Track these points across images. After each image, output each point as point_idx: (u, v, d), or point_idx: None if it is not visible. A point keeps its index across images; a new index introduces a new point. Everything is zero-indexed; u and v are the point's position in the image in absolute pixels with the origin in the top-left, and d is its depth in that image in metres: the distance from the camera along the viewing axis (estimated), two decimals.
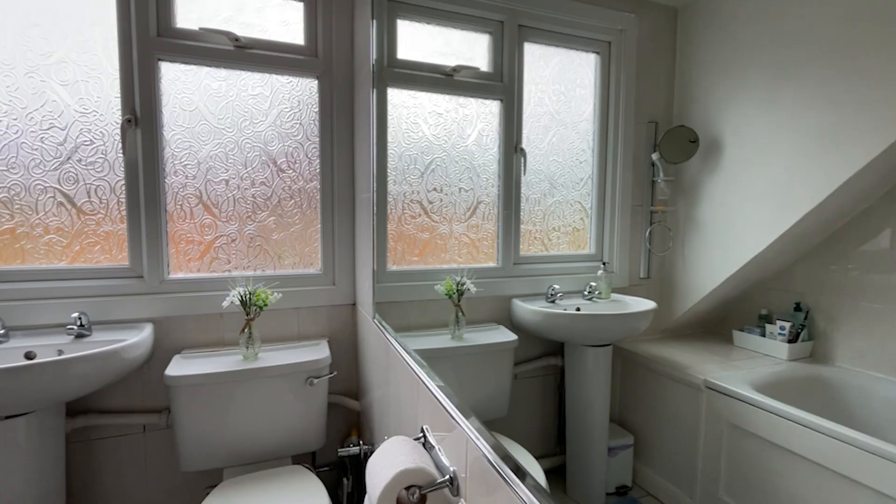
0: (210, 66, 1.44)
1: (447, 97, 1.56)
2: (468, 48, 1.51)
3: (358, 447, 1.31)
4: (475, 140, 1.56)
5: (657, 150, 1.20)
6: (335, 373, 1.40)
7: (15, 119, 1.31)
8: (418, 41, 1.55)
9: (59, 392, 1.11)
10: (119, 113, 1.38)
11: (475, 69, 1.55)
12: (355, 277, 1.62)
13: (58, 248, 1.37)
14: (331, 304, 1.60)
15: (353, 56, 1.56)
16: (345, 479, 1.46)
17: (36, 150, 1.33)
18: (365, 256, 1.46)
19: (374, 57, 1.29)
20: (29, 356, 1.20)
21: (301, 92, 1.56)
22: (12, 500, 1.11)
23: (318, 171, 1.59)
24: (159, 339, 1.41)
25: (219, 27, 1.42)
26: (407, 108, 1.54)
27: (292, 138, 1.56)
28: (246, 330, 1.37)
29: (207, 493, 1.50)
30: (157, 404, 1.44)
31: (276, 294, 1.39)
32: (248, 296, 1.35)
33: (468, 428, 0.67)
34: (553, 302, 1.41)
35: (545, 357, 1.41)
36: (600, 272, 1.36)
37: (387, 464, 0.66)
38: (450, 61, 1.52)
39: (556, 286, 1.40)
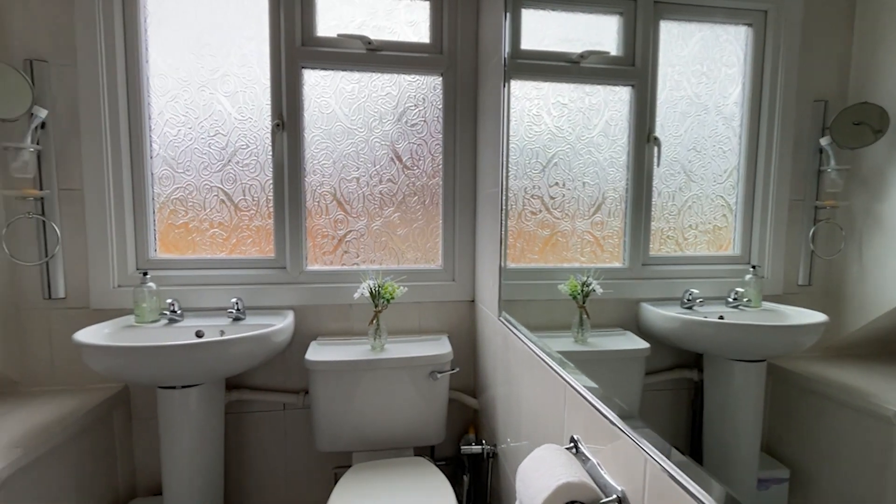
0: (345, 69, 1.54)
1: (572, 86, 1.48)
2: (596, 33, 1.42)
3: (480, 446, 1.29)
4: (601, 130, 1.46)
5: (827, 134, 1.00)
6: (458, 369, 1.41)
7: (190, 128, 1.51)
8: (543, 30, 1.49)
9: (221, 368, 1.27)
10: (269, 119, 1.52)
11: (604, 54, 1.44)
12: (475, 274, 1.61)
13: (219, 241, 1.56)
14: (450, 300, 1.62)
15: (478, 51, 1.55)
16: (464, 477, 1.46)
17: (204, 154, 1.53)
18: (487, 253, 1.44)
19: (508, 50, 1.25)
20: (199, 334, 1.38)
21: (426, 90, 1.59)
22: (189, 454, 1.33)
23: (440, 167, 1.62)
24: (298, 325, 1.55)
25: (354, 32, 1.49)
26: (529, 99, 1.49)
27: (417, 135, 1.60)
28: (374, 321, 1.43)
29: (335, 473, 1.61)
30: (295, 386, 1.58)
31: (402, 288, 1.43)
32: (377, 289, 1.41)
33: (638, 440, 0.60)
34: (690, 308, 1.25)
35: (678, 369, 1.26)
36: (749, 277, 1.18)
37: (545, 474, 0.62)
38: (576, 48, 1.44)
39: (695, 291, 1.24)
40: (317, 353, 1.44)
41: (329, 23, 1.57)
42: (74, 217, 1.46)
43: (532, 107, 1.54)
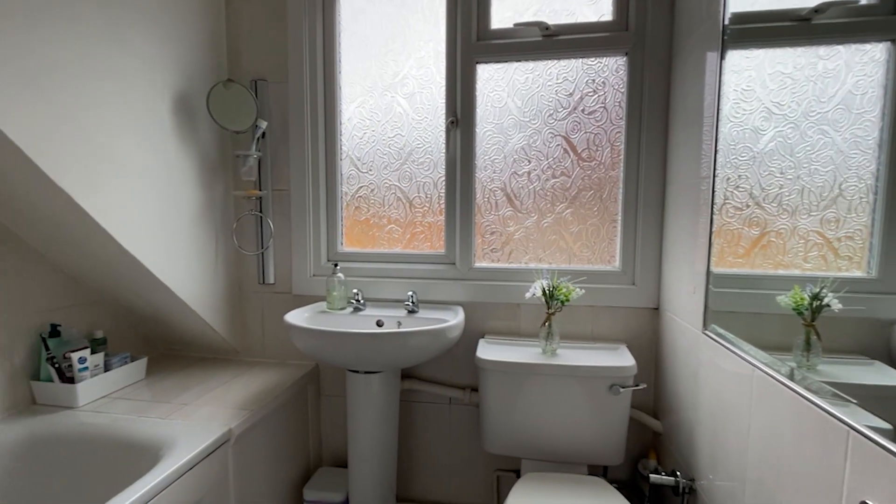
0: (519, 60, 1.48)
1: (799, 50, 1.17)
2: None
3: (673, 478, 1.11)
4: (841, 102, 1.12)
5: None
6: (644, 385, 1.24)
7: (373, 131, 1.61)
8: None
9: (399, 358, 1.30)
10: (443, 117, 1.54)
11: (849, 4, 1.11)
12: (660, 278, 1.41)
13: (395, 236, 1.64)
14: (628, 306, 1.45)
15: (674, 22, 1.34)
16: None
17: (385, 154, 1.61)
18: (680, 255, 1.24)
19: (727, 14, 1.05)
20: (379, 324, 1.45)
21: (607, 73, 1.44)
22: (371, 433, 1.40)
23: (621, 157, 1.45)
24: (465, 321, 1.53)
25: (530, 20, 1.42)
26: (737, 72, 1.23)
27: (595, 124, 1.46)
28: (546, 324, 1.34)
29: (497, 476, 1.57)
30: (460, 381, 1.58)
31: (579, 290, 1.31)
32: (551, 289, 1.31)
33: None
34: None
35: None
36: None
37: None
38: (807, 1, 1.14)
39: None
40: (487, 351, 1.40)
41: (504, 14, 1.51)
42: (282, 214, 1.67)
43: (740, 81, 1.27)
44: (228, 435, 1.17)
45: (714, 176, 1.09)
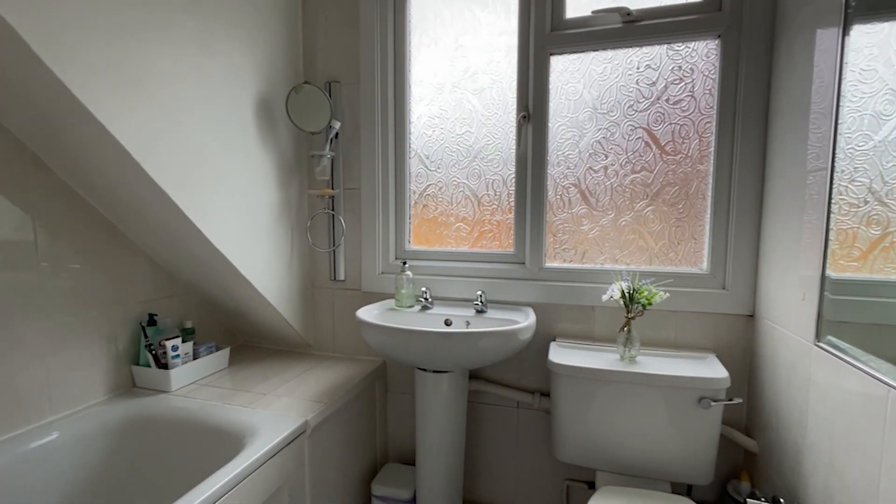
0: (597, 49, 1.40)
1: None
2: None
3: None
4: None
5: None
6: (740, 399, 1.12)
7: (442, 129, 1.61)
8: None
9: (469, 358, 1.28)
10: (513, 112, 1.50)
11: None
12: (756, 282, 1.28)
13: (463, 234, 1.62)
14: (718, 312, 1.33)
15: None
16: None
17: (454, 152, 1.60)
18: (784, 256, 1.11)
19: None
20: (447, 323, 1.44)
21: (695, 58, 1.33)
22: (440, 432, 1.39)
23: (711, 149, 1.33)
24: (536, 324, 1.47)
25: (609, 6, 1.34)
26: (856, 50, 1.08)
27: (681, 114, 1.35)
28: (625, 329, 1.26)
29: (567, 486, 1.50)
30: (528, 385, 1.53)
31: (662, 293, 1.22)
32: (631, 291, 1.23)
33: None
34: None
35: None
36: None
37: None
38: None
39: None
40: (560, 355, 1.34)
41: (580, 1, 1.45)
42: (352, 213, 1.70)
43: (858, 60, 1.12)
44: (305, 426, 1.20)
45: (833, 169, 0.96)
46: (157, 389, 1.39)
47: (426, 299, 1.52)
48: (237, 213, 1.39)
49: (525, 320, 1.31)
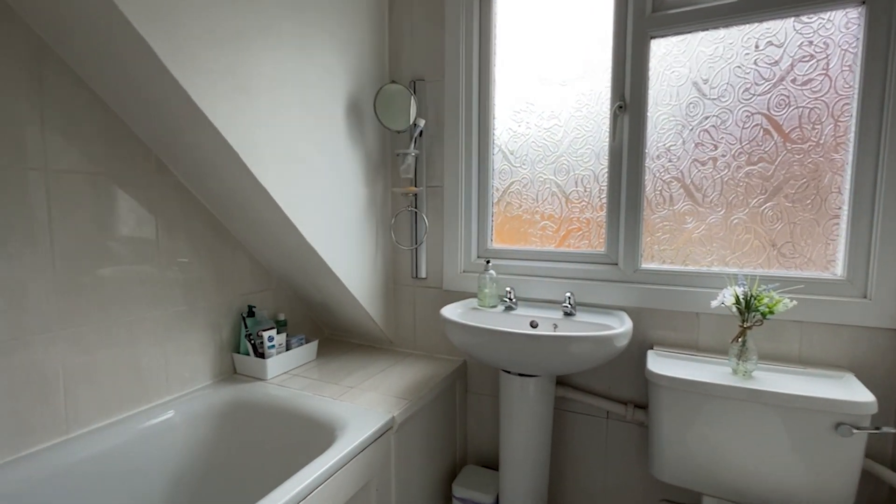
0: (706, 28, 1.27)
1: None
2: None
3: None
4: None
5: None
6: (892, 429, 0.95)
7: (528, 123, 1.55)
8: None
9: (558, 363, 1.21)
10: (607, 103, 1.41)
11: None
12: None
13: (549, 233, 1.55)
14: (857, 325, 1.14)
15: None
16: None
17: (540, 147, 1.54)
18: None
19: None
20: (533, 325, 1.38)
21: (831, 30, 1.16)
22: (525, 438, 1.34)
23: (850, 136, 1.15)
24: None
25: None
26: None
27: (810, 96, 1.18)
28: (740, 340, 1.12)
29: None
30: (620, 394, 1.43)
31: (788, 301, 1.07)
32: (748, 298, 1.09)
33: None
34: None
35: None
36: None
37: None
38: None
39: None
40: (660, 365, 1.23)
41: None
42: (435, 210, 1.70)
43: None
44: (392, 422, 1.21)
45: None
46: (254, 377, 1.48)
47: (510, 299, 1.47)
48: (327, 211, 1.44)
49: (621, 326, 1.22)
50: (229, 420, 1.35)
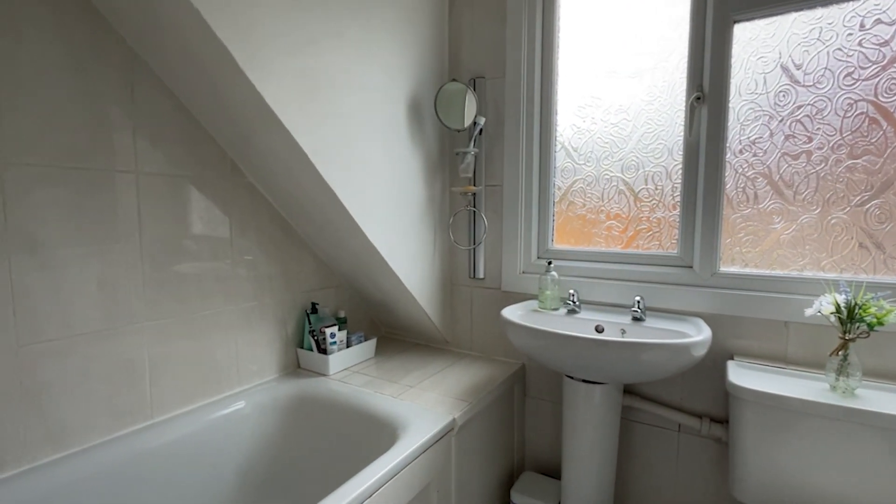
0: (801, 9, 1.16)
1: None
2: None
3: None
4: None
5: None
6: None
7: (593, 118, 1.49)
8: None
9: (626, 371, 1.15)
10: (681, 94, 1.32)
11: None
12: None
13: (615, 233, 1.48)
14: None
15: None
16: None
17: (606, 143, 1.47)
18: None
19: None
20: (598, 329, 1.32)
21: None
22: (589, 446, 1.29)
23: None
24: None
25: None
26: None
27: None
28: (841, 353, 1.01)
29: None
30: (694, 407, 1.34)
31: None
32: (851, 306, 0.98)
33: None
34: None
35: None
36: None
37: None
38: None
39: None
40: (743, 377, 1.13)
41: None
42: (493, 210, 1.66)
43: None
44: (453, 424, 1.19)
45: None
46: (317, 372, 1.51)
47: (573, 302, 1.42)
48: (388, 210, 1.45)
49: (699, 333, 1.13)
50: (294, 414, 1.39)
